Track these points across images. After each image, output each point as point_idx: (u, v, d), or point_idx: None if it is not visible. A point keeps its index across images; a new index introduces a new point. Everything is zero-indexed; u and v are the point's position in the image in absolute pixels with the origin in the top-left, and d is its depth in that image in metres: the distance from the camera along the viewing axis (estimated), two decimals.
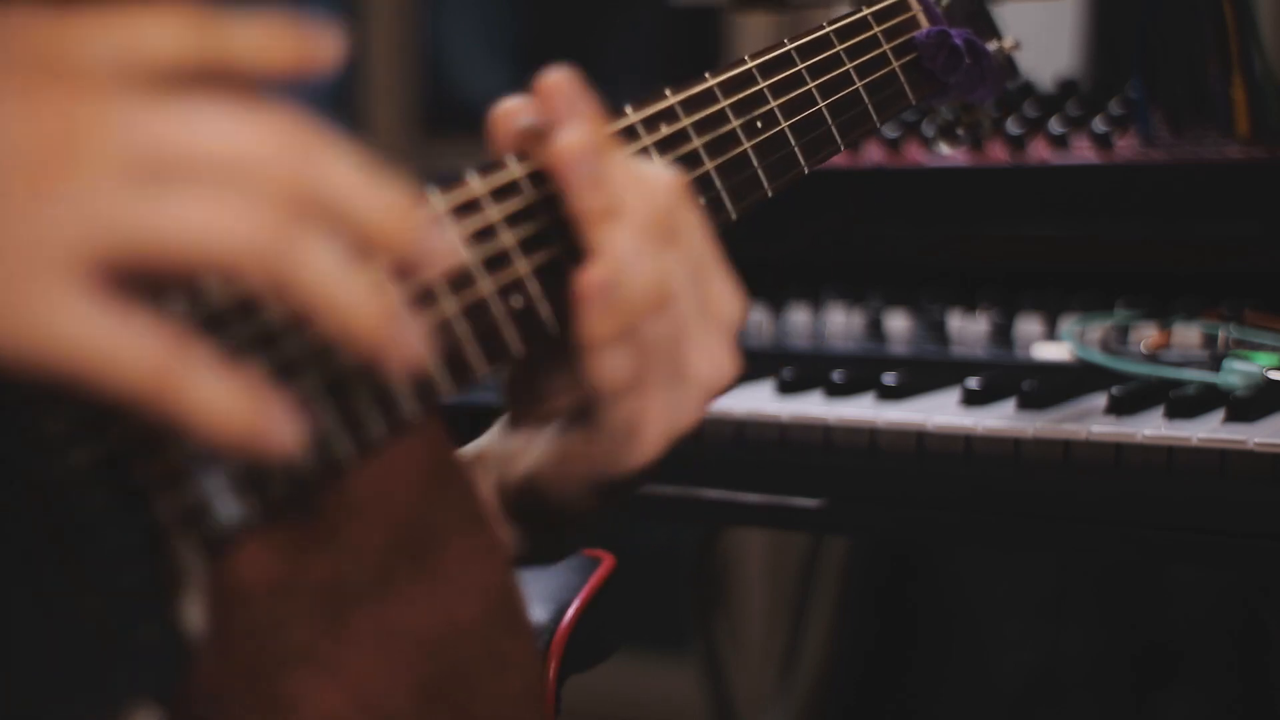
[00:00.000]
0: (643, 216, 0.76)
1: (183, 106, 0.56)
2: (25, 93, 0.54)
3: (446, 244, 0.61)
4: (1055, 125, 1.37)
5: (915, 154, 1.40)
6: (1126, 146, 1.33)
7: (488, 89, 3.42)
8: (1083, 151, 1.35)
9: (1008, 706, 1.84)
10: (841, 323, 1.41)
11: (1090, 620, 1.82)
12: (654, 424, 0.78)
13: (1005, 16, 1.16)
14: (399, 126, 3.20)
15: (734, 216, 0.91)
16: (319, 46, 0.58)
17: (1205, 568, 1.70)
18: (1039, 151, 1.36)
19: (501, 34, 3.47)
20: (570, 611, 1.02)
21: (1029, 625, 1.84)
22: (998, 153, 1.38)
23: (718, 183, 0.90)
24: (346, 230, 0.57)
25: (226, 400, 0.55)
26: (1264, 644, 1.72)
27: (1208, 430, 1.07)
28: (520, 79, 0.85)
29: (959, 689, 1.89)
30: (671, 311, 0.76)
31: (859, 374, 1.27)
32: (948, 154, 1.17)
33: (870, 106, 1.02)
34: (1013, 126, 1.38)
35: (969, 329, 1.36)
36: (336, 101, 3.40)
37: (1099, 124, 1.35)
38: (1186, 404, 1.11)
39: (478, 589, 0.75)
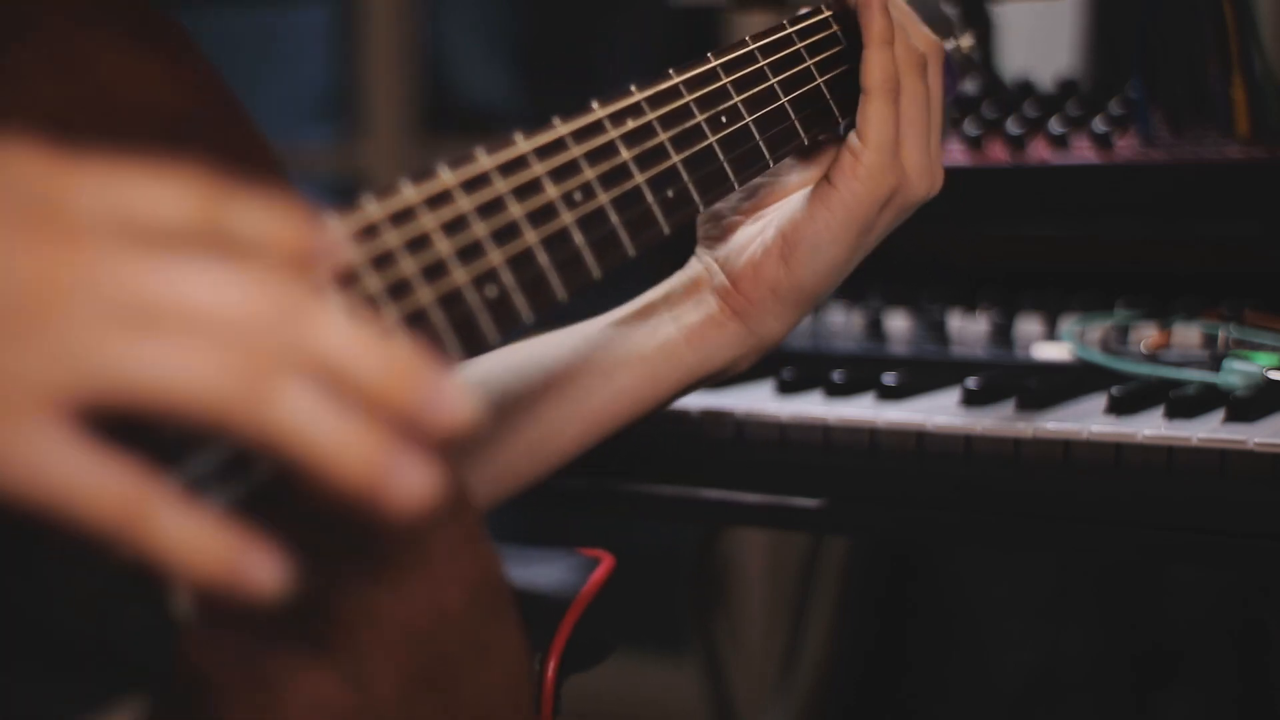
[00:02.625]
0: None
1: (172, 261, 0.56)
2: (16, 234, 0.54)
3: (449, 397, 0.59)
4: (1055, 125, 1.37)
5: None
6: (1126, 146, 1.33)
7: (488, 89, 3.42)
8: (1083, 151, 1.35)
9: (1008, 706, 1.84)
10: (841, 322, 1.41)
11: (1090, 620, 1.82)
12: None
13: (1005, 16, 1.16)
14: (399, 126, 3.20)
15: (701, 209, 0.93)
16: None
17: (1205, 568, 1.70)
18: (1039, 151, 1.36)
19: (501, 34, 3.48)
20: (570, 611, 1.02)
21: (1029, 625, 1.84)
22: (998, 153, 1.38)
23: (684, 175, 0.92)
24: (344, 388, 0.57)
25: (196, 536, 0.55)
26: (1264, 644, 1.72)
27: (1208, 430, 1.07)
28: (520, 79, 0.86)
29: (959, 689, 1.89)
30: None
31: (859, 374, 1.27)
32: None
33: (832, 102, 1.03)
34: (1013, 126, 1.38)
35: (969, 329, 1.36)
36: (337, 101, 3.41)
37: (1099, 124, 1.35)
38: (1186, 404, 1.11)
39: (463, 577, 0.76)
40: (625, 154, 0.88)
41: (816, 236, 1.01)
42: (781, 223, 1.03)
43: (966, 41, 1.13)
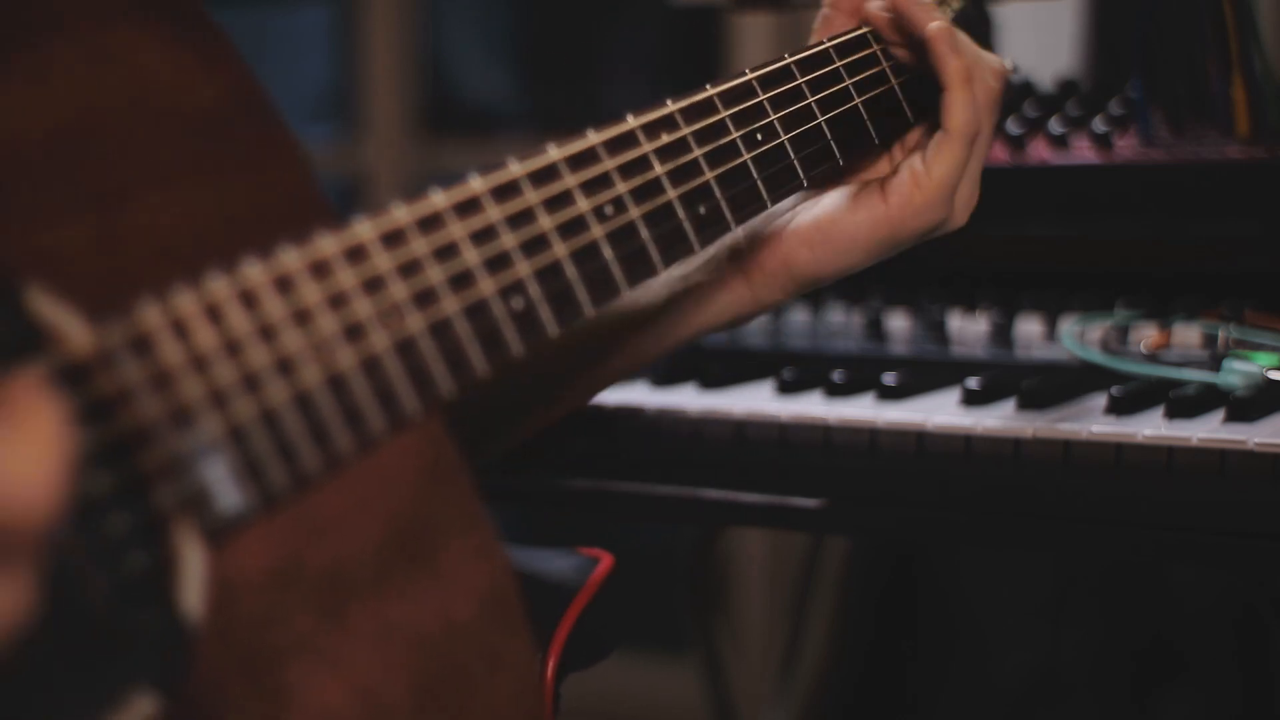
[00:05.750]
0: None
1: None
2: None
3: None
4: (1055, 125, 1.37)
5: None
6: (1126, 146, 1.33)
7: (488, 89, 3.42)
8: (1083, 151, 1.35)
9: (1008, 706, 1.84)
10: (841, 323, 1.41)
11: (1090, 620, 1.82)
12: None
13: (1005, 16, 1.16)
14: (399, 126, 3.20)
15: (734, 228, 0.92)
16: None
17: (1205, 568, 1.70)
18: (1039, 151, 1.36)
19: (501, 34, 3.48)
20: (570, 611, 1.02)
21: (1029, 625, 1.84)
22: (998, 153, 1.37)
23: (718, 192, 0.91)
24: None
25: None
26: (1264, 644, 1.72)
27: (1208, 430, 1.07)
28: (520, 79, 0.86)
29: (959, 689, 1.89)
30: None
31: (859, 374, 1.27)
32: None
33: (869, 124, 1.02)
34: (1013, 126, 1.38)
35: (969, 329, 1.36)
36: (337, 101, 3.41)
37: (1099, 124, 1.35)
38: (1186, 404, 1.11)
39: (475, 588, 0.76)
40: (658, 168, 0.87)
41: (853, 241, 1.03)
42: (820, 213, 1.04)
43: (1007, 63, 1.13)
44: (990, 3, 1.14)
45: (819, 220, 1.04)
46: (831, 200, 1.04)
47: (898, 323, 1.39)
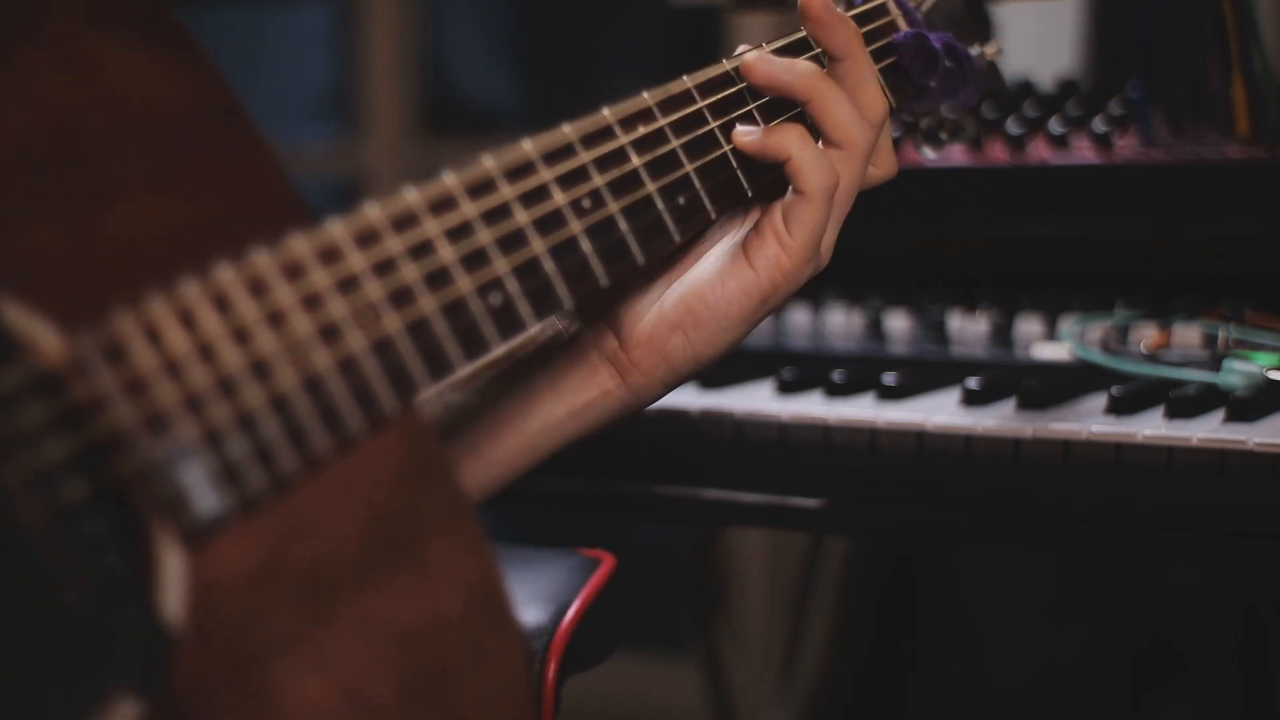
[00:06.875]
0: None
1: None
2: None
3: None
4: (1055, 125, 1.37)
5: (915, 154, 1.40)
6: (1126, 146, 1.33)
7: (488, 89, 3.42)
8: (1083, 151, 1.35)
9: (1008, 706, 1.84)
10: (841, 323, 1.41)
11: (1090, 620, 1.82)
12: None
13: (1005, 17, 1.16)
14: (399, 126, 3.20)
15: (714, 217, 0.92)
16: None
17: (1205, 568, 1.70)
18: (1039, 151, 1.36)
19: (501, 34, 3.48)
20: (570, 612, 1.03)
21: (1029, 625, 1.84)
22: (998, 153, 1.37)
23: (697, 183, 0.91)
24: None
25: None
26: (1264, 644, 1.72)
27: (1208, 430, 1.07)
28: (520, 79, 0.86)
29: (959, 689, 1.89)
30: None
31: (859, 374, 1.27)
32: (931, 157, 1.18)
33: None
34: (1013, 126, 1.38)
35: (969, 329, 1.36)
36: (337, 101, 3.41)
37: (1099, 124, 1.35)
38: (1186, 404, 1.11)
39: (460, 582, 0.76)
40: (636, 160, 0.87)
41: (726, 317, 0.96)
42: (687, 295, 0.97)
43: (991, 48, 1.11)
44: (991, 3, 1.14)
45: (686, 301, 0.97)
46: (695, 277, 0.98)
47: (898, 323, 1.39)
